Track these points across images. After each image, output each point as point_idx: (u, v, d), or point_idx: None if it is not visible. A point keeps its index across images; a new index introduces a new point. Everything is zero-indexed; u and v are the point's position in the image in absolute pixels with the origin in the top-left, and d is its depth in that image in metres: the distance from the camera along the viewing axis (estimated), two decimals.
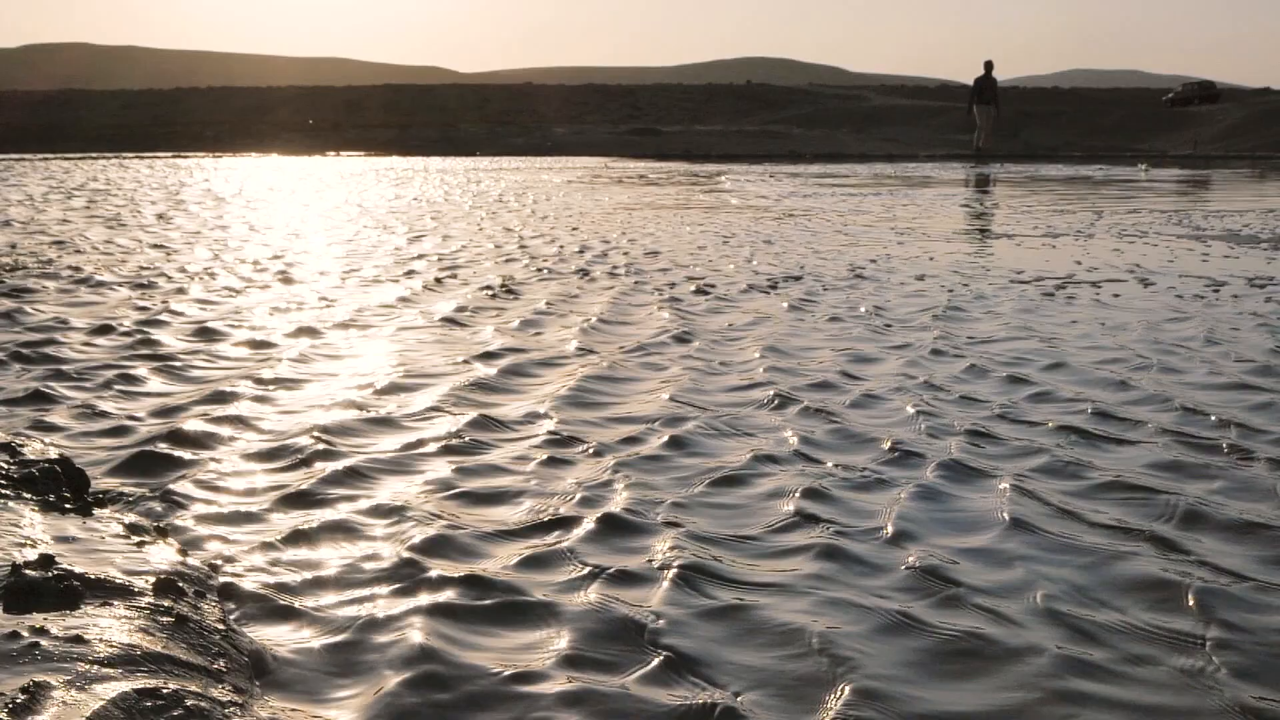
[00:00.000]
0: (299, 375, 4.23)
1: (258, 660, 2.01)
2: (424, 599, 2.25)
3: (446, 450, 3.24)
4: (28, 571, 1.97)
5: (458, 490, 2.91)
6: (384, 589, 2.31)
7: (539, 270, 7.41)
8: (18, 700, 1.54)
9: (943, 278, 7.07)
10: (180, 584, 2.12)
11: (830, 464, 3.15)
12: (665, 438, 3.38)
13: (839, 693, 1.87)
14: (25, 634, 1.75)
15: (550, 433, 3.43)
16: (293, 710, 1.87)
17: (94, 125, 38.63)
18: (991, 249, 8.99)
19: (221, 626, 2.06)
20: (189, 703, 1.70)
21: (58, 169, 22.61)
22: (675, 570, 2.37)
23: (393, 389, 4.00)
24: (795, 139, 36.39)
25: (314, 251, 8.56)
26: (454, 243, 9.20)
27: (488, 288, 6.59)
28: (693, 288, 6.61)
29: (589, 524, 2.65)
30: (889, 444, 3.32)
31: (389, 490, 2.92)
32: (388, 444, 3.32)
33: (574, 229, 10.43)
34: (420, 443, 3.32)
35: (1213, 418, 3.61)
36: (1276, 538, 2.57)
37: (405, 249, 8.71)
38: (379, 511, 2.73)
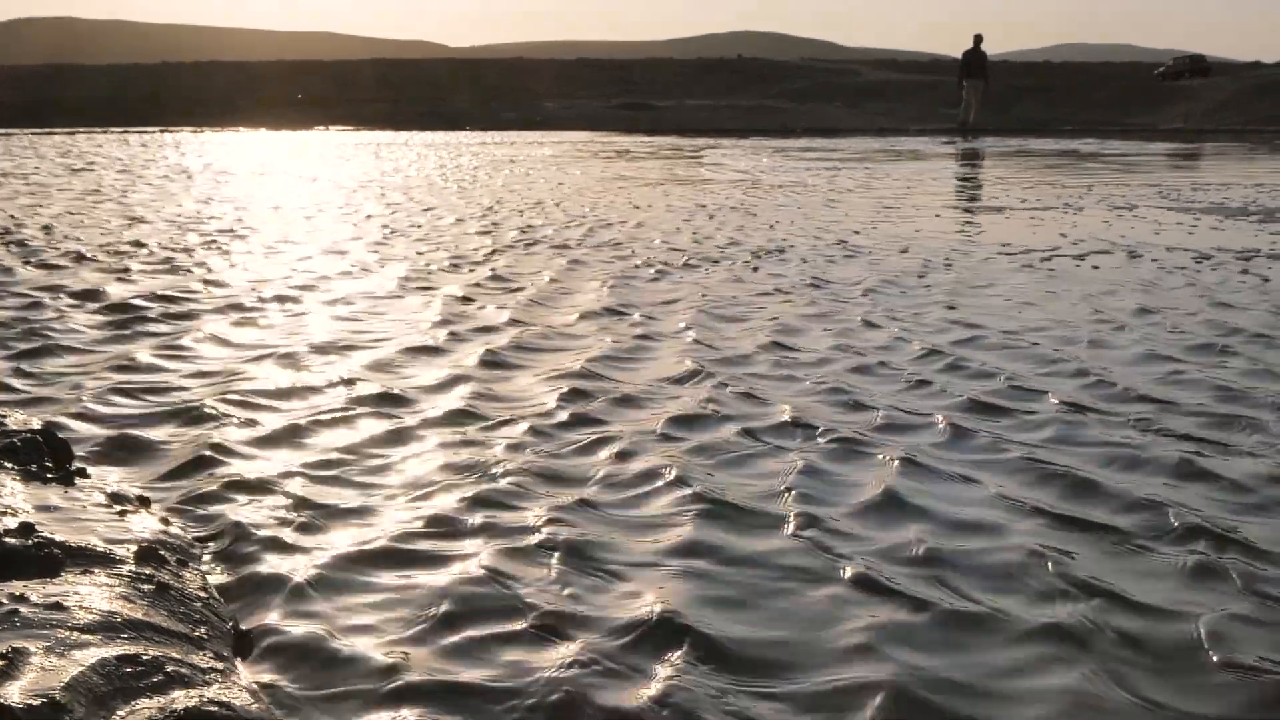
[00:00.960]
0: (229, 339, 4.42)
1: None
2: (315, 545, 2.36)
3: (354, 416, 3.33)
4: (7, 539, 1.98)
5: (361, 455, 2.98)
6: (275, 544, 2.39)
7: (499, 244, 7.43)
8: None
9: (924, 251, 7.07)
10: (162, 552, 2.13)
11: (733, 431, 3.19)
12: (572, 409, 3.42)
13: (682, 655, 1.92)
14: (4, 601, 1.76)
15: (458, 399, 3.52)
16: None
17: (81, 100, 38.32)
18: (977, 222, 9.00)
19: (203, 594, 2.07)
20: (169, 669, 1.71)
21: (34, 142, 22.47)
22: (558, 541, 2.40)
23: (314, 355, 4.13)
24: (787, 114, 36.25)
25: (274, 224, 8.60)
26: (421, 217, 9.20)
27: (440, 261, 6.63)
28: (652, 261, 6.62)
29: (480, 490, 2.70)
30: (790, 415, 3.34)
31: (287, 455, 3.00)
32: (298, 408, 3.42)
33: (556, 203, 10.42)
34: (330, 408, 3.41)
35: (1128, 389, 3.65)
36: (1160, 509, 2.59)
37: (368, 223, 8.73)
38: (269, 480, 2.79)
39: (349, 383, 3.72)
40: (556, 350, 4.30)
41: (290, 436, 3.14)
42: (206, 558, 2.32)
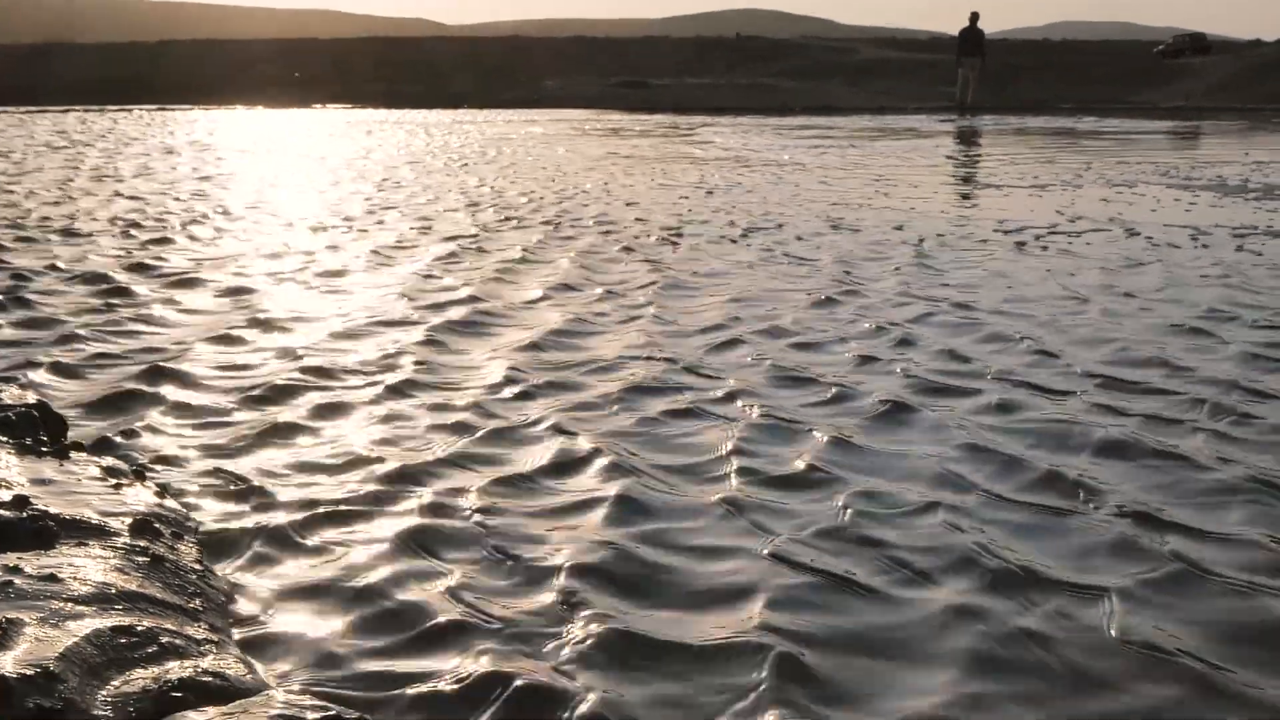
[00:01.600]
0: (195, 309, 4.58)
1: None
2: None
3: (304, 386, 3.40)
4: (2, 512, 1.98)
5: (308, 425, 3.05)
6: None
7: (478, 222, 7.42)
8: None
9: (917, 229, 7.05)
10: (157, 525, 2.13)
11: (672, 405, 3.23)
12: (517, 382, 3.46)
13: (583, 623, 1.97)
14: None
15: (408, 371, 3.58)
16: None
17: (77, 78, 38.14)
18: (974, 200, 8.98)
19: (199, 566, 2.08)
20: (164, 640, 1.71)
21: (24, 120, 22.36)
22: (488, 509, 2.46)
23: (258, 326, 4.22)
24: (786, 92, 36.12)
25: (253, 200, 8.63)
26: (400, 193, 9.20)
27: (414, 237, 6.68)
28: (628, 238, 6.63)
29: (417, 460, 2.76)
30: (731, 390, 3.38)
31: (232, 425, 3.06)
32: (251, 378, 3.51)
33: (543, 181, 10.37)
34: (281, 377, 3.49)
35: (1081, 368, 3.66)
36: (1085, 487, 2.60)
37: (349, 199, 8.74)
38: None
39: (304, 354, 3.79)
40: (513, 325, 4.34)
41: (237, 406, 3.21)
42: None
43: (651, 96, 35.69)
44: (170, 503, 2.36)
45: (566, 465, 2.75)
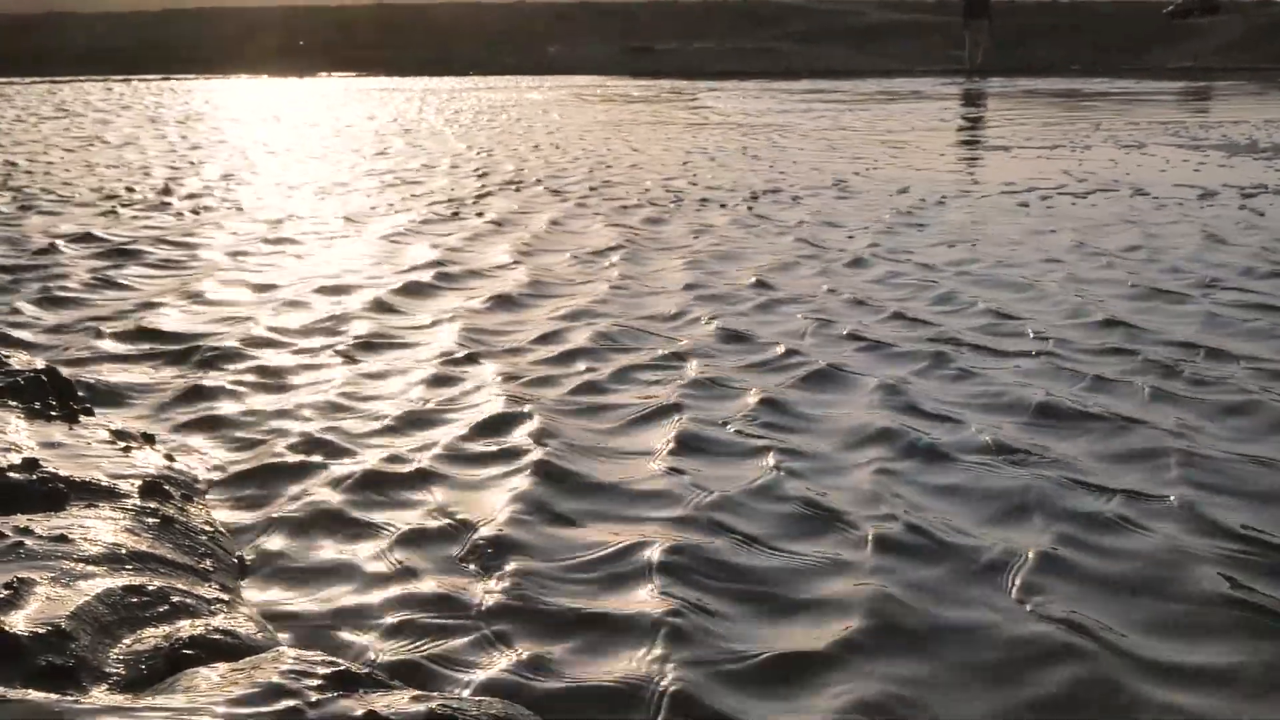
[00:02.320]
0: (168, 278, 4.66)
1: None
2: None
3: (248, 348, 3.48)
4: (12, 474, 1.99)
5: (250, 380, 3.15)
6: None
7: (462, 189, 7.39)
8: (1, 596, 1.56)
9: (922, 191, 7.00)
10: (166, 487, 2.14)
11: (614, 369, 3.27)
12: (466, 349, 3.48)
13: (496, 586, 2.00)
14: (9, 534, 1.77)
15: (365, 333, 3.65)
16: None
17: (81, 47, 37.97)
18: (982, 161, 8.94)
19: (209, 528, 2.08)
20: (175, 599, 1.72)
21: (21, 91, 22.29)
22: (420, 466, 2.52)
23: (225, 288, 4.35)
24: (792, 55, 35.86)
25: (237, 167, 8.67)
26: (390, 160, 9.19)
27: (390, 201, 6.70)
28: (607, 206, 6.61)
29: (358, 419, 2.83)
30: (674, 350, 3.43)
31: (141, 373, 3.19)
32: (201, 344, 3.56)
33: (536, 147, 10.31)
34: (221, 336, 3.61)
35: (1033, 329, 3.67)
36: (1007, 446, 2.61)
37: (334, 166, 8.74)
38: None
39: (265, 316, 3.88)
40: (480, 288, 4.39)
41: (193, 369, 3.29)
42: None
43: (657, 61, 35.47)
44: (180, 465, 2.36)
45: (505, 423, 2.78)
